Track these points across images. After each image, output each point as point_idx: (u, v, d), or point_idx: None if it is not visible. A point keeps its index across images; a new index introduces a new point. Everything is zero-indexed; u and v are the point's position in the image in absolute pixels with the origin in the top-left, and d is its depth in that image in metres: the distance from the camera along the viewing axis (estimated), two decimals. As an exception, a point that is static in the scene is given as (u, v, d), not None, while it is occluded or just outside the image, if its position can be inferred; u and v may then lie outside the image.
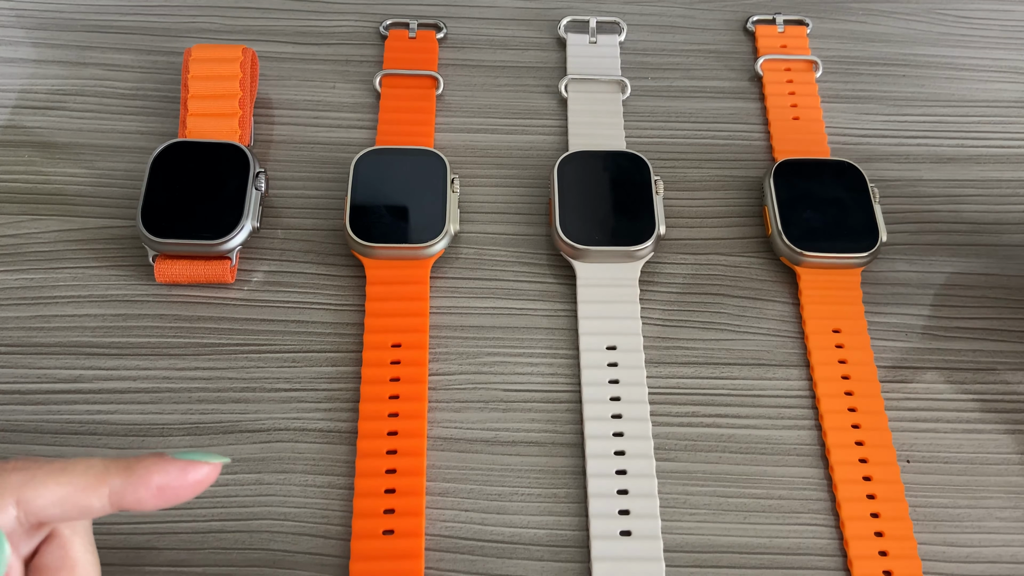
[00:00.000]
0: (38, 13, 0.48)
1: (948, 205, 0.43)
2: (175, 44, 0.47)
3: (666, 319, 0.39)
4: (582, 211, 0.40)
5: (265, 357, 0.38)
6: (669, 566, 0.33)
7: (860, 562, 0.33)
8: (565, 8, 0.49)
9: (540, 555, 0.34)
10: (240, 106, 0.42)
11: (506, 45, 0.48)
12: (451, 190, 0.40)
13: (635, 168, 0.41)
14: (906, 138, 0.45)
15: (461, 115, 0.45)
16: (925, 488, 0.35)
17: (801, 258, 0.40)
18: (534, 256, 0.41)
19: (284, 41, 0.48)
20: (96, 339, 0.38)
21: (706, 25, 0.49)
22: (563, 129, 0.45)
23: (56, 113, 0.44)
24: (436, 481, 0.35)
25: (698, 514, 0.35)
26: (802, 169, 0.42)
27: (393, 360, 0.37)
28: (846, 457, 0.36)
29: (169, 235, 0.38)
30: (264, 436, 0.36)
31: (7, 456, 0.27)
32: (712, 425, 0.37)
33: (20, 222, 0.41)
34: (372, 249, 0.39)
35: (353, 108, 0.45)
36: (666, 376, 0.38)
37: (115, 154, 0.43)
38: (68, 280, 0.39)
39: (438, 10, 0.49)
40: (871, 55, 0.48)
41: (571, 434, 0.36)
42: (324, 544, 0.34)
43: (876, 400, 0.37)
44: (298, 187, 0.43)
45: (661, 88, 0.47)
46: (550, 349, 0.38)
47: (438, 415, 0.37)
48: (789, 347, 0.39)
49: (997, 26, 0.50)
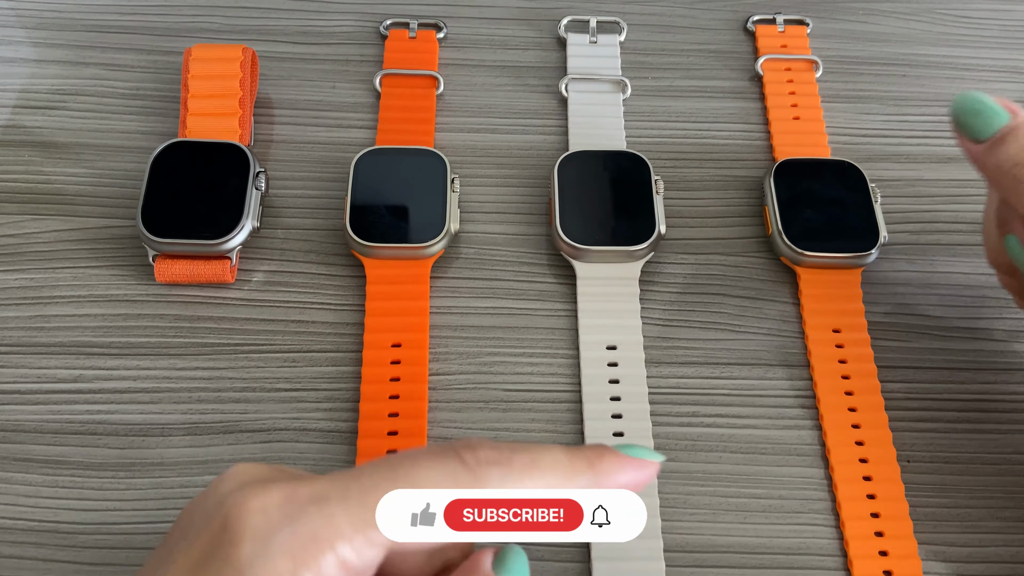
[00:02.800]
0: (38, 13, 0.48)
1: (948, 205, 0.43)
2: (175, 44, 0.47)
3: (666, 319, 0.39)
4: (582, 211, 0.40)
5: (265, 357, 0.38)
6: (669, 566, 0.33)
7: (860, 562, 0.33)
8: (565, 8, 0.49)
9: (540, 555, 0.34)
10: (240, 106, 0.42)
11: (506, 45, 0.48)
12: (451, 190, 0.40)
13: (635, 168, 0.41)
14: (906, 138, 0.45)
15: (461, 115, 0.45)
16: (925, 488, 0.35)
17: (801, 258, 0.40)
18: (534, 256, 0.41)
19: (284, 41, 0.48)
20: (96, 339, 0.38)
21: (706, 25, 0.49)
22: (563, 129, 0.45)
23: (56, 113, 0.44)
24: (436, 481, 0.35)
25: (698, 514, 0.35)
26: (802, 169, 0.42)
27: (393, 360, 0.37)
28: (846, 457, 0.36)
29: (169, 235, 0.38)
30: (264, 436, 0.36)
31: (455, 438, 0.26)
32: (712, 425, 0.37)
33: (20, 222, 0.41)
34: (372, 249, 0.39)
35: (353, 108, 0.45)
36: (666, 376, 0.38)
37: (115, 154, 0.43)
38: (68, 280, 0.39)
39: (438, 10, 0.49)
40: (871, 55, 0.48)
41: (571, 434, 0.36)
42: (324, 544, 0.34)
43: (876, 400, 0.37)
44: (298, 187, 0.43)
45: (661, 88, 0.47)
46: (550, 349, 0.38)
47: (438, 415, 0.37)
48: (789, 347, 0.39)
49: (997, 26, 0.50)
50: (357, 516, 0.21)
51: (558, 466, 0.23)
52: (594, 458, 0.24)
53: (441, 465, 0.22)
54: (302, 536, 0.20)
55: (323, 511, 0.21)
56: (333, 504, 0.21)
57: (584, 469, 0.24)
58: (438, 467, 0.22)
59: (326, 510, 0.21)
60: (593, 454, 0.24)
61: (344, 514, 0.21)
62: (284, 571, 0.20)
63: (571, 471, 0.23)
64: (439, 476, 0.22)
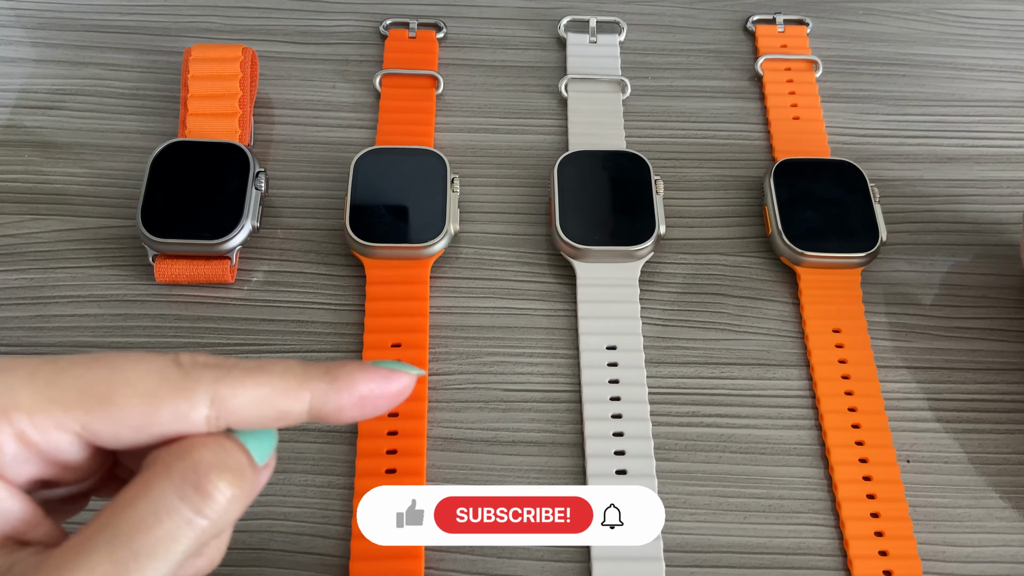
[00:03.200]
0: (38, 13, 0.48)
1: (948, 205, 0.43)
2: (175, 44, 0.47)
3: (666, 319, 0.39)
4: (582, 211, 0.40)
5: (265, 357, 0.38)
6: (669, 566, 0.33)
7: (860, 562, 0.33)
8: (565, 8, 0.49)
9: (540, 555, 0.34)
10: (240, 106, 0.42)
11: (506, 45, 0.48)
12: (451, 190, 0.40)
13: (635, 168, 0.41)
14: (906, 138, 0.45)
15: (461, 115, 0.45)
16: (925, 488, 0.35)
17: (801, 258, 0.40)
18: (534, 256, 0.41)
19: (284, 41, 0.48)
20: (96, 339, 0.38)
21: (706, 25, 0.49)
22: (563, 129, 0.45)
23: (56, 113, 0.44)
24: (436, 481, 0.35)
25: (698, 514, 0.35)
26: (802, 169, 0.42)
27: (393, 360, 0.37)
28: (846, 457, 0.36)
29: (169, 235, 0.38)
30: (264, 436, 0.36)
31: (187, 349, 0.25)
32: (712, 425, 0.37)
33: (20, 222, 0.41)
34: (372, 249, 0.39)
35: (353, 108, 0.45)
36: (666, 376, 0.38)
37: (115, 154, 0.43)
38: (68, 280, 0.39)
39: (438, 10, 0.49)
40: (871, 55, 0.48)
41: (571, 434, 0.36)
42: (324, 544, 0.34)
43: (876, 400, 0.37)
44: (298, 187, 0.43)
45: (661, 88, 0.47)
46: (550, 349, 0.38)
47: (438, 415, 0.37)
48: (789, 347, 0.39)
49: (997, 26, 0.50)
50: (42, 393, 0.20)
51: (289, 372, 0.22)
52: (333, 366, 0.22)
53: (150, 361, 0.21)
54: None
55: (4, 381, 0.20)
56: (18, 376, 0.20)
57: (320, 375, 0.22)
58: (147, 362, 0.21)
59: (7, 379, 0.20)
60: (337, 364, 0.22)
61: (28, 388, 0.20)
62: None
63: (304, 376, 0.22)
64: (145, 371, 0.21)
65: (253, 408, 0.21)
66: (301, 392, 0.22)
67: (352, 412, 0.22)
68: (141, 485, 0.20)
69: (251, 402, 0.21)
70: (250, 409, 0.21)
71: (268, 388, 0.21)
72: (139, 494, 0.20)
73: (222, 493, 0.20)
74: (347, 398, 0.22)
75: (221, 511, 0.20)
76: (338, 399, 0.22)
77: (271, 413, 0.21)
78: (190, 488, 0.20)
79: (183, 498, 0.20)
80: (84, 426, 0.20)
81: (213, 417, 0.21)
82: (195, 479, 0.20)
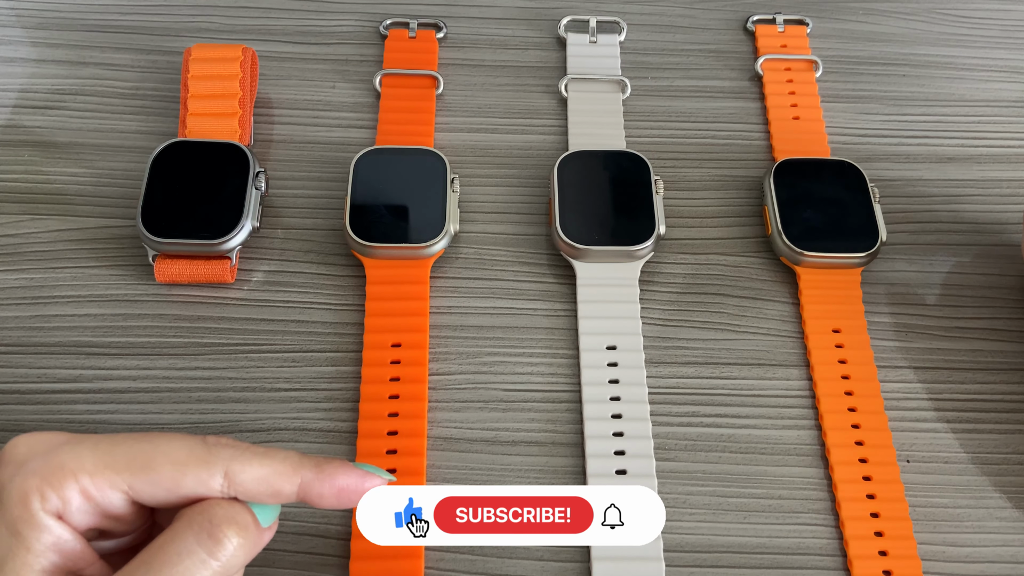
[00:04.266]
0: (38, 13, 0.48)
1: (948, 205, 0.43)
2: (175, 44, 0.47)
3: (666, 319, 0.39)
4: (582, 211, 0.40)
5: (265, 357, 0.38)
6: (669, 566, 0.33)
7: (860, 562, 0.33)
8: (565, 8, 0.49)
9: (540, 554, 0.34)
10: (240, 106, 0.42)
11: (506, 45, 0.48)
12: (451, 190, 0.40)
13: (635, 168, 0.41)
14: (906, 138, 0.45)
15: (461, 115, 0.45)
16: (925, 488, 0.35)
17: (801, 258, 0.40)
18: (534, 256, 0.41)
19: (284, 41, 0.48)
20: (96, 339, 0.38)
21: (706, 25, 0.49)
22: (563, 129, 0.45)
23: (56, 113, 0.44)
24: (436, 481, 0.35)
25: (698, 514, 0.35)
26: (802, 169, 0.42)
27: (393, 360, 0.37)
28: (846, 457, 0.36)
29: (169, 235, 0.38)
30: (264, 436, 0.36)
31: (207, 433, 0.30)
32: (712, 425, 0.37)
33: (20, 222, 0.41)
34: (372, 249, 0.39)
35: (353, 108, 0.45)
36: (666, 376, 0.38)
37: (115, 154, 0.43)
38: (68, 280, 0.39)
39: (438, 10, 0.49)
40: (871, 55, 0.48)
41: (571, 434, 0.36)
42: (324, 544, 0.34)
43: (876, 400, 0.37)
44: (298, 187, 0.43)
45: (661, 88, 0.47)
46: (550, 349, 0.38)
47: (438, 415, 0.37)
48: (789, 347, 0.39)
49: (997, 26, 0.50)
50: (102, 460, 0.25)
51: (288, 460, 0.27)
52: (323, 461, 0.27)
53: (183, 439, 0.26)
54: (52, 464, 0.25)
55: (74, 450, 0.26)
56: (84, 447, 0.26)
57: (311, 465, 0.27)
58: (180, 440, 0.26)
59: (76, 449, 0.26)
60: (326, 459, 0.27)
61: (91, 455, 0.25)
62: (32, 488, 0.25)
63: (299, 465, 0.27)
64: (179, 446, 0.26)
65: (254, 484, 0.26)
66: (294, 477, 0.27)
67: (330, 500, 0.27)
68: (170, 533, 0.25)
69: (254, 479, 0.26)
70: (252, 484, 0.26)
71: (269, 470, 0.27)
72: (168, 539, 0.25)
73: (231, 541, 0.25)
74: (328, 488, 0.27)
75: (229, 556, 0.25)
76: (320, 487, 0.27)
77: (267, 490, 0.27)
78: (206, 535, 0.25)
79: (200, 543, 0.25)
80: (130, 486, 0.26)
81: (226, 486, 0.26)
82: (210, 528, 0.25)
